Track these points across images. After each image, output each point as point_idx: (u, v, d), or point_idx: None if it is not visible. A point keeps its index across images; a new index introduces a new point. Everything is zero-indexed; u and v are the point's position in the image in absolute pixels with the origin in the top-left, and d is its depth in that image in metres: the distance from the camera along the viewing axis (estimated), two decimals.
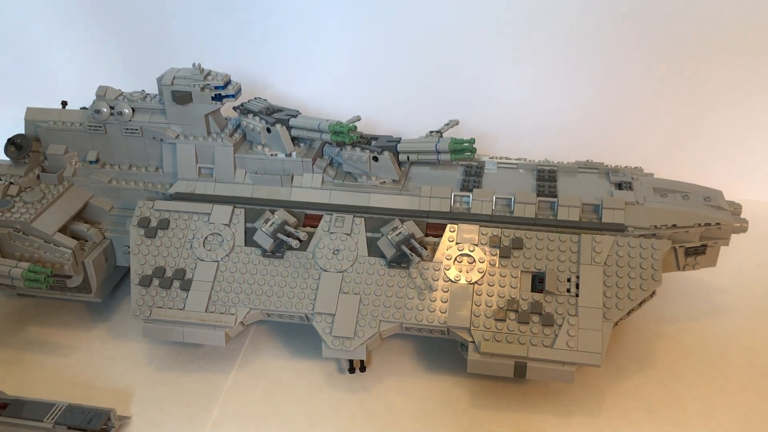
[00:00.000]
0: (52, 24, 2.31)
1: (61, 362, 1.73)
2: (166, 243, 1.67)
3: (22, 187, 1.79)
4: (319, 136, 1.67)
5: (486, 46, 2.14)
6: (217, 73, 1.72)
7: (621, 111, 2.17)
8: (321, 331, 1.54)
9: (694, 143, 2.18)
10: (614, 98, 2.16)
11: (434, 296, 1.55)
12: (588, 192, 1.67)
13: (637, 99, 2.15)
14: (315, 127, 1.66)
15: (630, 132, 2.20)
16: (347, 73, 2.28)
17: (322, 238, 1.63)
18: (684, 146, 2.19)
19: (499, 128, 2.27)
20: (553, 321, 1.49)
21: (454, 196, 1.67)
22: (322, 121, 1.66)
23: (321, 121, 1.66)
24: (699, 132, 2.17)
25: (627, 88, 2.13)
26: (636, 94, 2.14)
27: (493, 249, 1.58)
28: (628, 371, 1.64)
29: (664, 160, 2.11)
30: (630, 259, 1.53)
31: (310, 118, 1.70)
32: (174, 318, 1.59)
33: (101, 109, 1.76)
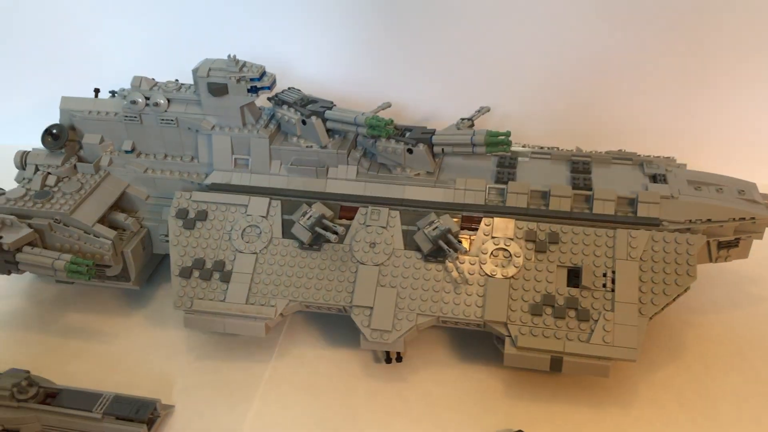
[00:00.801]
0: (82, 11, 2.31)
1: (103, 349, 1.78)
2: (205, 234, 1.70)
3: (60, 177, 1.81)
4: (354, 129, 1.68)
5: (515, 27, 2.12)
6: (252, 64, 1.72)
7: (652, 99, 2.16)
8: (359, 324, 1.57)
9: (726, 132, 2.17)
10: (646, 85, 2.14)
11: (470, 290, 1.57)
12: (622, 184, 1.67)
13: (669, 87, 2.13)
14: (351, 120, 1.67)
15: (660, 121, 2.19)
16: (374, 56, 2.27)
17: (359, 231, 1.65)
18: (715, 135, 2.19)
19: (527, 112, 2.27)
20: (589, 316, 1.51)
21: (489, 189, 1.68)
22: (358, 115, 1.66)
23: (357, 115, 1.66)
24: (731, 121, 2.15)
25: (659, 76, 2.12)
26: (668, 83, 2.12)
27: (529, 243, 1.59)
28: (660, 362, 1.66)
29: (695, 150, 2.11)
30: (665, 254, 1.54)
31: (346, 111, 1.71)
32: (215, 309, 1.62)
33: (136, 100, 1.77)
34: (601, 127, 2.23)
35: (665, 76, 2.13)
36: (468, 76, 2.25)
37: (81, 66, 2.40)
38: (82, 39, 2.35)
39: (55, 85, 2.42)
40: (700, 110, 2.17)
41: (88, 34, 2.33)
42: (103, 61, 2.36)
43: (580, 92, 2.21)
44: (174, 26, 2.27)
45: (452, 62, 2.23)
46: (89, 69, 2.36)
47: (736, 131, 2.18)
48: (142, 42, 2.31)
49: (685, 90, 2.15)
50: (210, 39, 2.24)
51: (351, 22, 2.20)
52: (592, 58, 2.14)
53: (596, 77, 2.17)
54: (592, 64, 2.15)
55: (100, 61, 2.37)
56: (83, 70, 2.38)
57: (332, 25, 2.21)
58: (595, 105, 2.21)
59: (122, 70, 2.33)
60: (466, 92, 2.26)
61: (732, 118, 2.17)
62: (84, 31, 2.33)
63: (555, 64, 2.17)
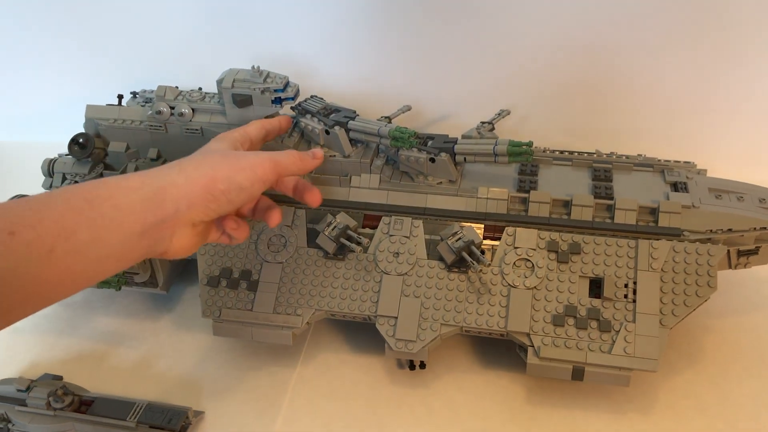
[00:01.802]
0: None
1: (132, 354, 1.82)
2: (231, 245, 1.73)
3: None
4: (378, 140, 1.70)
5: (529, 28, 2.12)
6: (276, 75, 1.74)
7: (670, 98, 2.16)
8: (384, 334, 1.60)
9: (744, 135, 2.18)
10: (663, 85, 2.14)
11: (493, 300, 1.60)
12: (643, 192, 1.69)
13: (687, 87, 2.13)
14: (374, 131, 1.69)
15: (678, 120, 2.19)
16: (393, 56, 2.27)
17: (382, 240, 1.68)
18: (733, 138, 2.19)
19: (544, 112, 2.27)
20: (610, 327, 1.54)
21: (511, 198, 1.70)
22: (382, 126, 1.68)
23: (381, 126, 1.68)
24: (750, 121, 2.16)
25: (677, 76, 2.11)
26: (686, 83, 2.12)
27: (551, 254, 1.62)
28: (679, 367, 1.69)
29: (712, 150, 2.12)
30: (686, 265, 1.56)
31: (369, 122, 1.72)
32: (243, 319, 1.66)
33: (161, 110, 1.79)
34: (618, 128, 2.23)
35: (683, 77, 2.12)
36: (486, 76, 2.25)
37: (103, 65, 2.43)
38: (106, 38, 2.36)
39: (78, 85, 2.47)
40: (719, 110, 2.17)
41: (112, 33, 2.35)
42: (125, 61, 2.38)
43: (598, 92, 2.21)
44: (195, 28, 2.28)
45: (471, 61, 2.23)
46: (111, 68, 2.40)
47: (756, 131, 2.18)
48: (164, 44, 2.33)
49: (704, 89, 2.15)
50: (229, 41, 2.26)
51: (370, 23, 2.20)
52: (609, 57, 2.13)
53: (614, 77, 2.17)
54: (610, 64, 2.14)
55: (122, 61, 2.39)
56: (105, 69, 2.42)
57: (350, 26, 2.21)
58: (612, 105, 2.21)
59: (144, 70, 2.39)
60: (485, 91, 2.27)
61: (752, 118, 2.17)
62: (108, 31, 2.35)
63: (572, 64, 2.17)
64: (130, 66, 2.43)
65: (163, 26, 2.31)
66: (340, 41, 2.26)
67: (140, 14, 2.29)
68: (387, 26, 2.19)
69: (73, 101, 2.48)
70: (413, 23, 2.17)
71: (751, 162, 2.05)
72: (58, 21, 2.36)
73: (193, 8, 2.25)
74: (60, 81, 2.52)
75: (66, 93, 2.54)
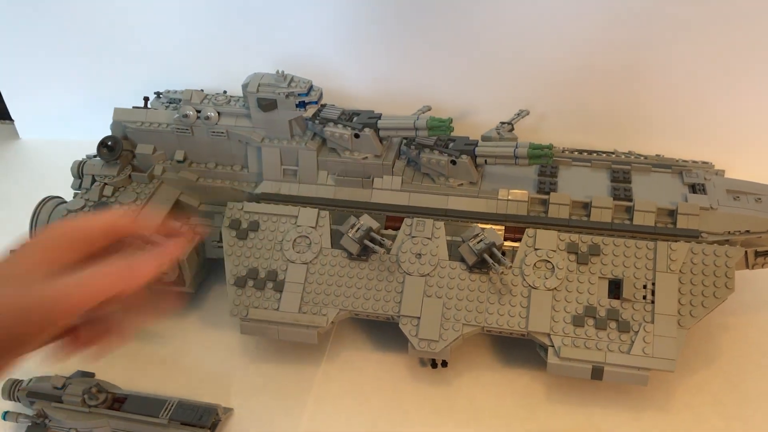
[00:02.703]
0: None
1: (161, 351, 1.87)
2: (257, 245, 1.77)
3: (116, 187, 1.89)
4: (414, 133, 1.72)
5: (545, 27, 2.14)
6: (300, 79, 1.77)
7: (687, 96, 2.18)
8: (407, 333, 1.64)
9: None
10: (680, 83, 2.15)
11: (514, 301, 1.63)
12: (662, 194, 1.72)
13: (703, 85, 2.14)
14: (409, 125, 1.71)
15: (697, 121, 2.21)
16: (410, 55, 2.29)
17: (405, 241, 1.71)
18: (751, 136, 2.21)
19: (560, 110, 2.29)
20: (629, 327, 1.57)
21: (531, 199, 1.73)
22: (417, 119, 1.70)
23: (416, 119, 1.70)
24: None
25: (694, 75, 2.13)
26: (702, 81, 2.13)
27: (570, 255, 1.65)
28: (696, 365, 1.72)
29: (731, 149, 2.13)
30: (704, 267, 1.59)
31: (400, 118, 1.75)
32: (269, 318, 1.70)
33: (188, 113, 1.83)
34: (635, 126, 2.25)
35: (701, 75, 2.13)
36: (505, 74, 2.27)
37: (129, 66, 2.47)
38: (131, 38, 2.41)
39: (104, 85, 2.52)
40: (737, 108, 2.18)
41: (136, 32, 2.39)
42: (150, 60, 2.42)
43: (616, 90, 2.22)
44: (218, 30, 2.32)
45: (489, 60, 2.25)
46: (137, 69, 2.44)
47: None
48: (187, 45, 2.37)
49: (723, 88, 2.16)
50: (250, 43, 2.30)
51: (387, 24, 2.22)
52: (628, 55, 2.14)
53: (632, 75, 2.18)
54: (628, 63, 2.15)
55: (147, 59, 2.43)
56: (131, 70, 2.46)
57: (368, 27, 2.24)
58: (630, 103, 2.23)
59: (167, 71, 2.43)
60: (504, 89, 2.29)
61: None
62: (133, 30, 2.39)
63: (589, 61, 2.18)
64: (153, 67, 2.47)
65: (187, 28, 2.35)
66: (358, 42, 2.29)
67: (165, 17, 2.33)
68: (405, 27, 2.22)
69: (100, 101, 2.54)
70: (430, 22, 2.19)
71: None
72: (85, 21, 2.40)
73: (216, 11, 2.28)
74: (87, 81, 2.57)
75: (93, 93, 2.59)
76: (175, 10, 2.32)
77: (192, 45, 2.40)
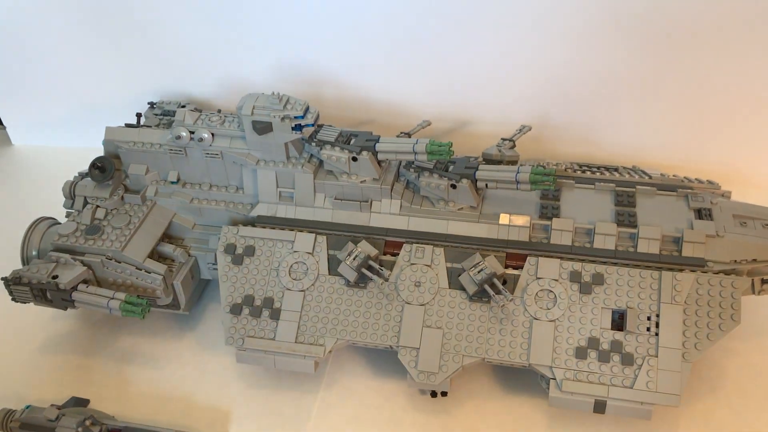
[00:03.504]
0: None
1: (157, 376, 1.85)
2: (253, 271, 1.74)
3: (109, 209, 1.85)
4: (413, 157, 1.67)
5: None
6: (295, 100, 1.72)
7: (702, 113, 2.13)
8: (406, 365, 1.61)
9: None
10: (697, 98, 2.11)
11: (515, 332, 1.60)
12: (667, 219, 1.68)
13: (711, 100, 2.10)
14: (408, 149, 1.66)
15: (702, 134, 2.17)
16: (410, 64, 2.24)
17: (404, 269, 1.68)
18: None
19: (562, 120, 2.25)
20: (633, 361, 1.54)
21: (533, 225, 1.69)
22: (416, 143, 1.66)
23: (414, 143, 1.66)
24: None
25: (700, 89, 2.08)
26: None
27: (573, 284, 1.61)
28: (700, 393, 1.69)
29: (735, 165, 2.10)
30: (710, 298, 1.56)
31: (399, 141, 1.70)
32: (266, 348, 1.67)
33: (181, 135, 1.78)
34: (637, 140, 2.21)
35: (704, 88, 2.09)
36: (506, 83, 2.22)
37: (125, 72, 2.41)
38: (127, 43, 2.34)
39: (99, 91, 2.48)
40: (740, 121, 2.14)
41: (131, 37, 2.32)
42: (145, 65, 2.37)
43: (618, 100, 2.17)
44: (214, 37, 2.26)
45: (489, 69, 2.20)
46: (131, 73, 2.39)
47: None
48: (185, 51, 2.31)
49: (726, 99, 2.11)
50: (247, 49, 2.24)
51: (385, 32, 2.16)
52: (629, 65, 2.09)
53: (633, 87, 2.13)
54: (630, 72, 2.10)
55: (142, 65, 2.37)
56: (127, 76, 2.40)
57: (366, 35, 2.18)
58: (634, 116, 2.18)
59: (165, 75, 2.38)
60: (505, 99, 2.24)
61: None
62: (127, 35, 2.32)
63: (589, 72, 2.12)
64: (149, 72, 2.42)
65: (184, 33, 2.28)
66: (356, 51, 2.23)
67: (161, 22, 2.26)
68: (403, 36, 2.16)
69: (93, 107, 2.51)
70: (431, 32, 2.14)
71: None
72: (78, 26, 2.34)
73: (212, 17, 2.22)
74: (80, 87, 2.52)
75: (86, 99, 2.55)
76: (171, 14, 2.26)
77: (189, 50, 2.34)
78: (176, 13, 2.24)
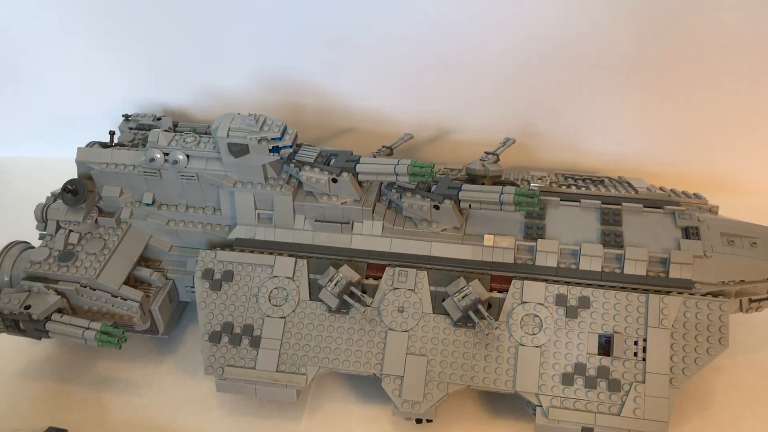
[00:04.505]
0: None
1: (137, 402, 1.81)
2: (232, 297, 1.69)
3: (82, 233, 1.80)
4: (394, 179, 1.63)
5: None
6: (272, 121, 1.67)
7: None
8: (390, 393, 1.58)
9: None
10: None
11: (501, 359, 1.57)
12: (654, 238, 1.64)
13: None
14: (389, 171, 1.61)
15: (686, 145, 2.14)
16: (392, 72, 2.19)
17: (386, 294, 1.64)
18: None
19: (547, 128, 2.21)
20: (620, 387, 1.51)
21: (518, 247, 1.66)
22: (398, 164, 1.61)
23: (396, 164, 1.61)
24: None
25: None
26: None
27: (559, 308, 1.58)
28: (688, 413, 1.67)
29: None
30: (698, 322, 1.53)
31: (380, 162, 1.66)
32: (246, 377, 1.63)
33: (155, 157, 1.73)
34: (623, 148, 2.18)
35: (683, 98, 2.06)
36: (491, 92, 2.18)
37: (101, 81, 2.35)
38: (105, 52, 2.27)
39: (76, 99, 2.42)
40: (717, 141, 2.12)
41: (109, 46, 2.25)
42: (123, 74, 2.30)
43: (603, 111, 2.14)
44: (194, 44, 2.19)
45: (474, 77, 2.15)
46: (108, 83, 2.33)
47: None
48: (163, 60, 2.25)
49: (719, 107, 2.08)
50: (227, 57, 2.18)
51: (369, 39, 2.11)
52: (614, 74, 2.05)
53: (619, 95, 2.10)
54: (614, 82, 2.07)
55: (119, 74, 2.31)
56: (103, 86, 2.34)
57: (346, 42, 2.12)
58: (620, 126, 2.15)
59: (142, 84, 2.31)
60: (490, 107, 2.20)
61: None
62: (105, 44, 2.25)
63: (574, 78, 2.08)
64: (126, 82, 2.35)
65: (160, 43, 2.22)
66: (336, 59, 2.17)
67: (138, 32, 2.19)
68: (385, 45, 2.10)
69: (72, 118, 2.44)
70: (409, 40, 2.08)
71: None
72: (56, 36, 2.26)
73: (190, 27, 2.15)
74: (58, 97, 2.45)
75: (64, 109, 2.48)
76: (148, 24, 2.18)
77: (166, 60, 2.27)
78: (153, 22, 2.17)
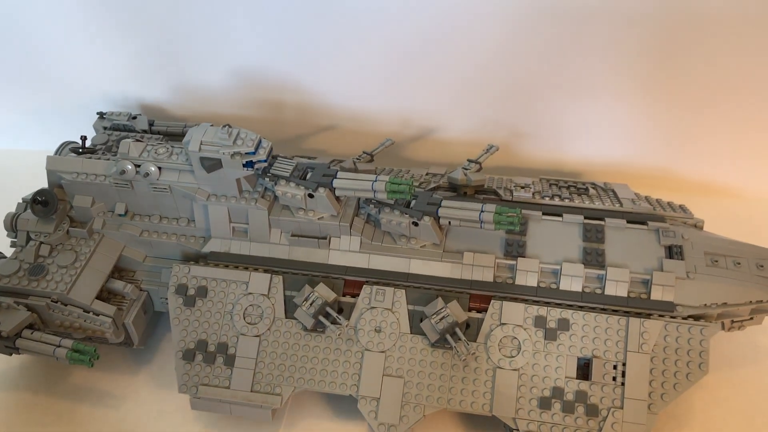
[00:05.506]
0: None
1: (113, 415, 1.78)
2: (206, 314, 1.66)
3: (53, 245, 1.75)
4: (372, 195, 1.58)
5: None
6: (246, 134, 1.62)
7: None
8: (366, 415, 1.56)
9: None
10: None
11: (479, 381, 1.55)
12: (637, 257, 1.61)
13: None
14: (367, 187, 1.57)
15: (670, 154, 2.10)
16: (377, 70, 2.13)
17: (363, 313, 1.61)
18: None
19: (529, 130, 2.17)
20: (598, 412, 1.50)
21: (498, 264, 1.63)
22: (375, 181, 1.56)
23: (373, 181, 1.56)
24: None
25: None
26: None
27: (538, 330, 1.56)
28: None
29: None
30: (678, 347, 1.51)
31: (357, 176, 1.61)
32: (220, 396, 1.61)
33: (125, 169, 1.68)
34: (608, 153, 2.14)
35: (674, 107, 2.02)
36: (473, 91, 2.13)
37: (74, 77, 2.29)
38: (81, 48, 2.20)
39: (53, 94, 2.36)
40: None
41: (85, 41, 2.18)
42: (100, 70, 2.24)
43: (587, 115, 2.10)
44: (174, 39, 2.13)
45: (457, 76, 2.10)
46: (85, 78, 2.27)
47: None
48: (140, 54, 2.18)
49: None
50: (205, 55, 2.12)
51: (352, 36, 2.05)
52: (597, 80, 2.01)
53: (601, 100, 2.05)
54: (596, 88, 2.02)
55: (96, 70, 2.24)
56: (79, 79, 2.29)
57: (329, 37, 2.06)
58: (606, 132, 2.10)
59: (119, 80, 2.25)
60: (473, 106, 2.16)
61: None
62: (81, 39, 2.18)
63: (561, 81, 2.04)
64: (106, 75, 2.28)
65: (137, 38, 2.15)
66: (317, 56, 2.11)
67: (115, 27, 2.12)
68: (366, 42, 2.04)
69: (52, 112, 2.39)
70: (391, 37, 2.02)
71: None
72: (33, 28, 2.19)
73: (167, 22, 2.08)
74: (33, 92, 2.39)
75: (42, 103, 2.42)
76: (125, 18, 2.11)
77: (143, 55, 2.20)
78: (131, 16, 2.10)
